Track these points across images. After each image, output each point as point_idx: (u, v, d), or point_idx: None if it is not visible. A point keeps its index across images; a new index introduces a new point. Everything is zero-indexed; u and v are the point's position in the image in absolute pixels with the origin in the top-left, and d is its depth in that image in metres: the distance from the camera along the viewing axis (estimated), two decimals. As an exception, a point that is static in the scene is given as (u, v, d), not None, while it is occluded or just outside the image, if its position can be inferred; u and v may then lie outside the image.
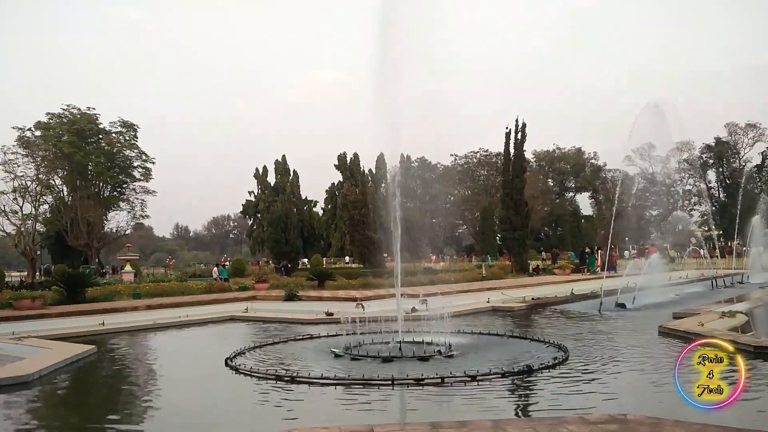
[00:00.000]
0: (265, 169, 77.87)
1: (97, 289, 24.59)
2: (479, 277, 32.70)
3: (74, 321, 18.37)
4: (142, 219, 61.73)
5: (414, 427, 6.29)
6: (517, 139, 39.82)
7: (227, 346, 13.51)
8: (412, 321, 14.86)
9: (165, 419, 8.36)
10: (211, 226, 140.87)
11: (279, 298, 23.99)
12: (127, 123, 57.57)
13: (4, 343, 14.30)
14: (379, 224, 44.10)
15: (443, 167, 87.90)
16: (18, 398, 9.39)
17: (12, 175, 46.98)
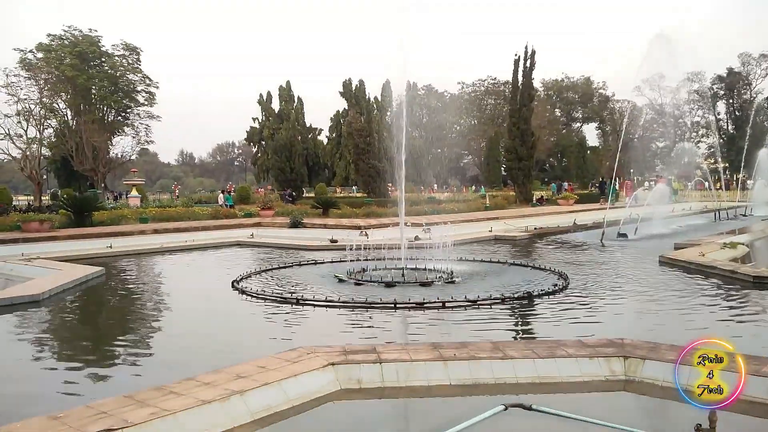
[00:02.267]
0: (269, 95, 76.68)
1: (103, 213, 24.78)
2: (482, 208, 32.76)
3: (82, 243, 18.62)
4: (147, 144, 61.33)
5: (416, 347, 6.43)
6: (525, 67, 38.94)
7: (233, 270, 13.74)
8: (415, 249, 15.00)
9: (172, 338, 8.57)
10: (216, 153, 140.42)
11: (284, 225, 24.17)
12: (130, 46, 56.34)
13: (14, 263, 14.54)
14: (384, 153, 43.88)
15: (450, 95, 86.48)
16: (30, 316, 9.65)
17: (15, 98, 46.44)
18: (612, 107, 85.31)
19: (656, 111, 78.02)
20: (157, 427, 4.36)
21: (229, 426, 4.69)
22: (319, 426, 5.19)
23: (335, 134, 76.48)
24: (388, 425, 5.43)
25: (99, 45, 54.92)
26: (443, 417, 5.13)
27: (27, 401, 5.80)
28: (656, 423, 5.28)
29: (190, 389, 5.04)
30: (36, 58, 51.55)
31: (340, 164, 72.76)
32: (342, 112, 74.66)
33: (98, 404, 4.68)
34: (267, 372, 5.52)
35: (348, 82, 74.67)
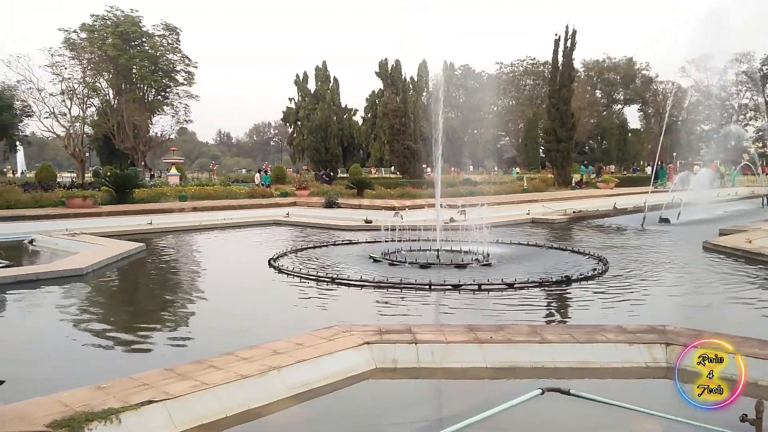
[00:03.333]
0: (305, 75, 76.80)
1: (144, 191, 25.28)
2: (520, 190, 32.38)
3: (123, 220, 19.03)
4: (186, 124, 62.15)
5: (451, 328, 6.39)
6: (566, 47, 38.09)
7: (270, 248, 13.88)
8: (450, 231, 14.91)
9: (209, 313, 8.70)
10: (253, 133, 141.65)
11: (319, 204, 24.30)
12: (170, 26, 56.93)
13: (58, 238, 14.95)
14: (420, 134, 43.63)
15: (488, 76, 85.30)
16: (74, 289, 9.90)
17: (60, 77, 47.48)
18: (655, 89, 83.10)
19: (702, 93, 75.68)
20: (197, 400, 4.43)
21: (267, 401, 4.75)
22: (355, 404, 5.22)
23: (370, 115, 76.29)
24: (423, 406, 5.42)
25: (140, 25, 55.66)
26: (479, 399, 5.10)
27: (70, 371, 5.97)
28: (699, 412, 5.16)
29: (229, 363, 5.11)
30: (80, 38, 52.53)
31: (374, 145, 72.63)
32: (378, 92, 74.38)
33: (140, 376, 4.78)
34: (303, 349, 5.56)
35: (384, 62, 74.23)
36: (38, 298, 9.37)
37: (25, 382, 5.45)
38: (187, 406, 4.35)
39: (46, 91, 46.18)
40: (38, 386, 5.17)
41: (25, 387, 5.16)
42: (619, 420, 4.69)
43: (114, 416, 3.96)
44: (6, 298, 9.20)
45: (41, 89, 45.50)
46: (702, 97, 75.68)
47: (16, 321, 8.21)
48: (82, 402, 4.18)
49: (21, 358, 6.44)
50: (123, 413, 4.03)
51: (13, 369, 5.72)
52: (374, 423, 4.90)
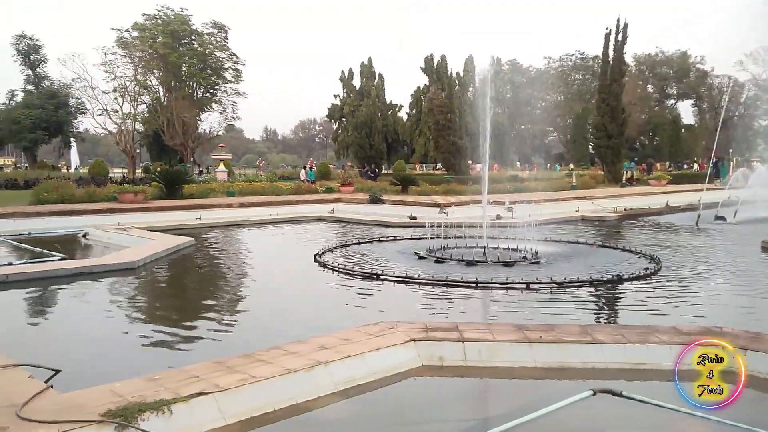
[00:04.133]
0: (350, 72, 77.05)
1: (192, 186, 25.76)
2: (568, 187, 31.78)
3: (173, 215, 19.45)
4: (233, 120, 63.30)
5: (499, 327, 6.29)
6: (617, 40, 37.25)
7: (315, 244, 13.97)
8: (497, 228, 14.73)
9: (256, 307, 8.81)
10: (298, 129, 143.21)
11: (363, 201, 24.35)
12: (218, 24, 57.99)
13: (111, 232, 15.38)
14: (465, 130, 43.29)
15: (536, 70, 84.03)
16: (126, 282, 10.17)
17: (112, 75, 48.96)
18: (710, 83, 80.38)
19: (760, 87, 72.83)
20: (246, 393, 4.47)
21: (314, 395, 4.76)
22: (401, 401, 5.19)
23: (415, 110, 76.01)
24: (470, 405, 5.36)
25: (189, 23, 56.86)
26: (528, 399, 5.01)
27: (122, 362, 6.11)
28: (760, 417, 4.94)
29: (277, 357, 5.14)
30: (131, 37, 53.98)
31: (419, 141, 72.35)
32: (423, 88, 74.03)
33: (191, 368, 4.86)
34: (349, 344, 5.56)
35: (430, 57, 73.80)
36: (92, 290, 9.64)
37: (80, 371, 5.60)
38: (236, 399, 4.39)
39: (99, 88, 47.71)
40: (92, 376, 5.30)
41: (80, 377, 5.30)
42: (673, 423, 4.53)
43: (166, 407, 4.03)
44: (61, 291, 9.49)
45: (95, 87, 47.05)
46: (760, 91, 72.87)
47: (70, 313, 8.47)
48: (134, 393, 4.26)
49: (75, 348, 6.64)
50: (174, 405, 4.10)
51: (68, 359, 5.89)
52: (420, 421, 4.85)
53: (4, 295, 9.03)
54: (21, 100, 58.61)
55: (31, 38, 61.10)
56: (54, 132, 58.60)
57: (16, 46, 60.88)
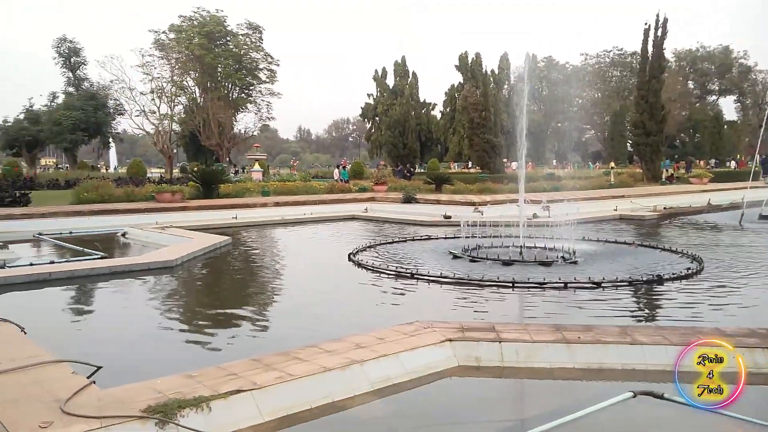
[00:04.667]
0: (384, 71, 77.17)
1: (228, 186, 26.09)
2: (606, 185, 31.25)
3: (209, 214, 19.73)
4: (268, 121, 63.90)
5: (536, 327, 6.21)
6: (656, 36, 36.46)
7: (349, 243, 14.01)
8: (533, 227, 14.54)
9: (291, 305, 8.87)
10: (332, 129, 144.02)
11: (397, 200, 24.33)
12: (253, 25, 58.60)
13: (149, 231, 15.66)
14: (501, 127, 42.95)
15: (572, 67, 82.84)
16: (164, 280, 10.33)
17: (149, 76, 49.89)
18: (754, 78, 78.12)
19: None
20: (282, 391, 4.49)
21: (350, 394, 4.75)
22: (437, 401, 5.15)
23: (449, 109, 75.74)
24: (507, 405, 5.29)
25: (225, 24, 57.58)
26: (566, 401, 4.93)
27: (161, 359, 6.20)
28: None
29: (313, 355, 5.15)
30: (168, 39, 54.92)
31: (453, 139, 72.07)
32: (457, 86, 73.74)
33: (228, 366, 4.90)
34: (385, 343, 5.54)
35: (464, 55, 73.47)
36: (131, 288, 9.82)
37: (120, 368, 5.70)
38: (274, 397, 4.42)
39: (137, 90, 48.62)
40: (132, 372, 5.38)
41: (120, 373, 5.40)
42: (715, 427, 4.41)
43: (204, 404, 4.07)
44: (101, 288, 9.70)
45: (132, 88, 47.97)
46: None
47: (110, 310, 8.62)
48: (174, 389, 4.32)
49: (115, 345, 6.75)
50: (213, 401, 4.14)
51: (109, 356, 6.00)
52: (456, 421, 4.80)
53: (46, 293, 9.25)
54: (62, 102, 60.06)
55: (71, 41, 62.61)
56: (93, 133, 59.92)
57: (57, 49, 62.45)
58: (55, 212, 17.88)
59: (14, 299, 8.83)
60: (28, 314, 7.40)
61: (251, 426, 4.19)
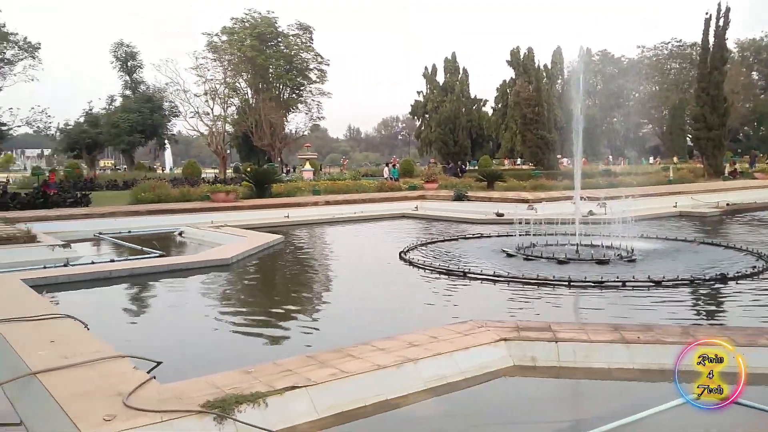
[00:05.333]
0: (434, 67, 76.84)
1: (280, 186, 26.39)
2: (665, 181, 30.28)
3: (262, 213, 19.99)
4: (318, 120, 64.43)
5: (594, 327, 6.05)
6: (717, 26, 35.10)
7: (400, 241, 13.99)
8: (589, 225, 14.20)
9: (343, 302, 8.91)
10: (381, 127, 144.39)
11: (447, 198, 24.16)
12: (303, 25, 59.15)
13: (204, 230, 16.00)
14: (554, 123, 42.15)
15: (628, 60, 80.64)
16: (220, 277, 10.54)
17: (203, 78, 51.07)
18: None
19: None
20: (337, 388, 4.51)
21: (403, 392, 4.73)
22: (492, 401, 5.09)
23: (501, 105, 74.85)
24: (563, 406, 5.17)
25: (276, 26, 58.27)
26: (625, 402, 4.81)
27: (217, 354, 6.31)
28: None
29: (366, 353, 5.15)
30: (221, 41, 56.03)
31: (505, 136, 71.18)
32: (509, 81, 72.80)
33: (284, 362, 4.95)
34: (438, 342, 5.49)
35: (516, 50, 72.48)
36: (188, 285, 10.06)
37: (178, 363, 5.83)
38: (328, 393, 4.43)
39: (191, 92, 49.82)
40: (190, 368, 5.51)
41: (179, 368, 5.52)
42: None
43: (261, 400, 4.11)
44: (160, 286, 9.96)
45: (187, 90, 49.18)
46: None
47: (168, 307, 8.87)
48: (231, 384, 4.38)
49: (173, 341, 6.93)
50: (269, 397, 4.18)
51: (167, 351, 6.14)
52: (511, 421, 4.74)
53: (107, 290, 9.55)
54: (119, 105, 62.01)
55: (128, 45, 64.65)
56: (150, 135, 61.67)
57: (114, 53, 64.56)
58: (114, 212, 18.46)
59: (77, 296, 9.14)
60: (91, 311, 7.67)
61: (307, 422, 4.22)
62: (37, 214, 17.59)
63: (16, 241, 12.21)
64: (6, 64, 51.97)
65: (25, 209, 19.20)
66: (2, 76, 52.16)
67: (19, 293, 7.99)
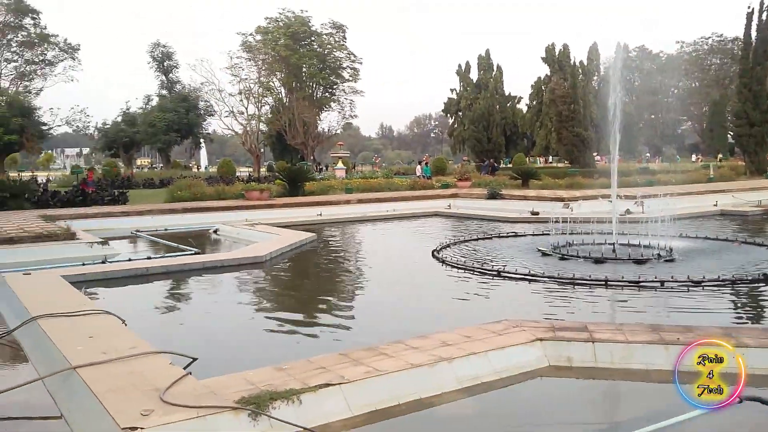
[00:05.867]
0: (467, 65, 76.23)
1: (313, 184, 26.55)
2: (705, 179, 29.56)
3: (295, 211, 20.14)
4: (351, 119, 64.57)
5: (631, 327, 5.92)
6: (760, 20, 34.15)
7: (432, 239, 13.93)
8: (626, 224, 13.93)
9: (375, 300, 8.92)
10: (413, 125, 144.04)
11: (481, 196, 23.98)
12: (337, 24, 59.31)
13: (239, 228, 16.18)
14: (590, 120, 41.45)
15: (667, 56, 78.92)
16: (254, 275, 10.65)
17: (237, 78, 51.68)
18: None
19: None
20: (371, 386, 4.50)
21: (437, 391, 4.71)
22: (528, 401, 5.03)
23: (535, 102, 73.86)
24: (600, 408, 5.08)
25: (309, 25, 58.54)
26: (664, 405, 4.65)
27: (251, 351, 6.38)
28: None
29: (399, 352, 5.13)
30: (255, 41, 56.56)
31: (540, 133, 70.22)
32: (544, 78, 71.83)
33: (317, 359, 4.96)
34: (472, 342, 5.45)
35: (551, 46, 71.43)
36: (223, 282, 10.18)
37: (213, 359, 5.90)
38: (362, 391, 4.43)
39: (225, 91, 50.49)
40: (224, 364, 5.56)
41: (213, 364, 5.58)
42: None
43: (295, 397, 4.13)
44: (195, 283, 10.11)
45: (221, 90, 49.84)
46: None
47: (204, 304, 8.98)
48: (265, 381, 4.41)
49: (208, 337, 7.00)
50: (303, 394, 4.19)
51: (203, 348, 6.22)
52: (547, 422, 4.67)
53: (144, 287, 9.71)
54: (156, 104, 63.02)
55: (164, 46, 65.67)
56: (185, 134, 62.49)
57: (151, 54, 65.67)
58: (150, 210, 18.78)
59: (115, 293, 9.34)
60: (128, 307, 7.81)
61: (341, 420, 4.22)
62: (77, 212, 18.04)
63: (56, 238, 12.51)
64: (47, 65, 53.28)
65: (64, 207, 19.72)
66: (43, 76, 53.52)
67: (59, 289, 8.19)
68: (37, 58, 52.62)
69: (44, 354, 5.64)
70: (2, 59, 51.06)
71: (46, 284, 8.51)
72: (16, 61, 52.11)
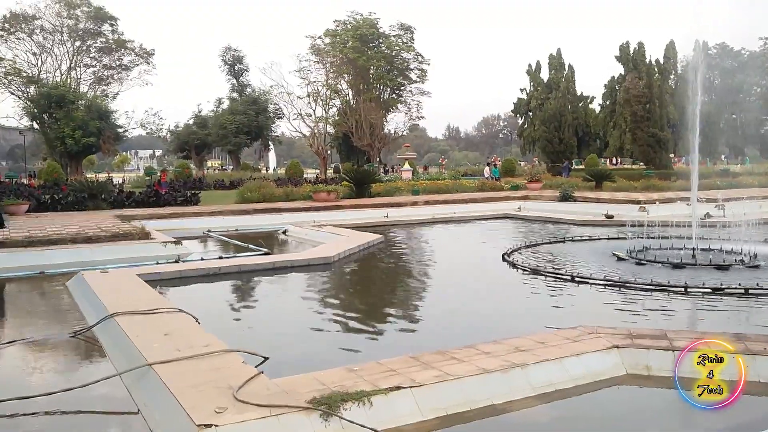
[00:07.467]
0: (537, 64, 74.77)
1: (380, 185, 26.62)
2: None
3: (362, 213, 20.25)
4: (418, 120, 64.54)
5: (713, 336, 5.60)
6: None
7: (502, 242, 13.71)
8: (707, 228, 13.26)
9: (444, 304, 8.80)
10: (481, 126, 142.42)
11: (552, 198, 23.45)
12: (405, 25, 59.43)
13: (307, 229, 16.38)
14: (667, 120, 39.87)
15: (749, 54, 75.01)
16: (323, 275, 10.76)
17: (306, 81, 52.54)
18: None
19: None
20: (442, 390, 4.45)
21: (510, 398, 4.61)
22: (605, 410, 4.88)
23: (609, 102, 71.61)
24: (680, 418, 4.82)
25: (377, 27, 58.91)
26: (748, 417, 4.46)
27: (320, 351, 6.40)
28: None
29: (471, 357, 5.05)
30: (323, 44, 57.35)
31: (613, 134, 67.99)
32: (617, 77, 69.59)
33: (387, 362, 4.94)
34: (546, 348, 5.31)
35: (625, 45, 69.03)
36: (293, 282, 10.33)
37: (284, 358, 5.97)
38: (433, 395, 4.38)
39: (294, 94, 51.42)
40: (294, 364, 5.62)
41: (284, 363, 5.66)
42: None
43: (366, 399, 4.12)
44: (265, 283, 10.29)
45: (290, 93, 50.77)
46: None
47: (274, 303, 9.13)
48: (336, 382, 4.43)
49: (279, 336, 7.10)
50: (374, 396, 4.18)
51: (272, 346, 6.30)
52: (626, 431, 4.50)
53: (216, 286, 9.96)
54: (227, 107, 64.89)
55: (235, 50, 67.56)
56: (255, 136, 64.11)
57: (222, 58, 67.68)
58: (221, 211, 19.30)
59: (188, 291, 9.63)
60: (201, 305, 7.99)
61: (412, 423, 4.19)
62: (151, 212, 18.73)
63: (132, 238, 13.00)
64: (123, 70, 55.77)
65: (139, 207, 20.53)
66: (120, 81, 56.06)
67: (135, 287, 8.48)
68: (114, 63, 55.21)
69: (121, 350, 5.84)
70: (82, 64, 53.76)
71: (123, 282, 8.81)
72: (95, 66, 54.83)
